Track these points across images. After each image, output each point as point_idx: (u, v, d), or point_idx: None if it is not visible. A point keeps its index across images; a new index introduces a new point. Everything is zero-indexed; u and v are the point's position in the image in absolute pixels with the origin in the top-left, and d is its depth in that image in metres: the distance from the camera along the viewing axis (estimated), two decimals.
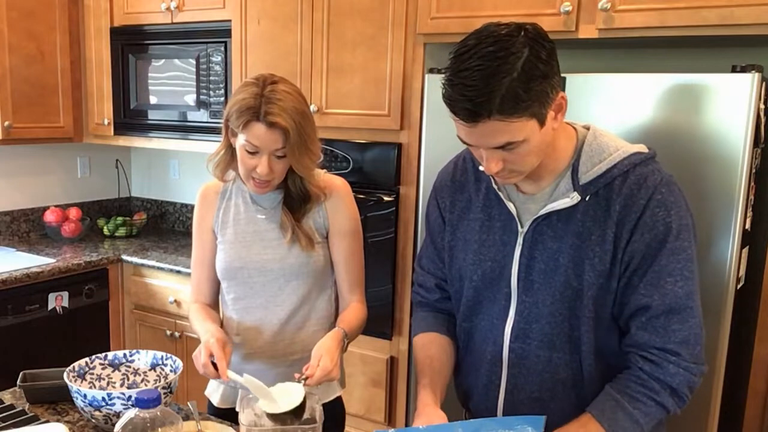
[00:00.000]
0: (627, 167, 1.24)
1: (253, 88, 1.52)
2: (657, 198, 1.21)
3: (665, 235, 1.20)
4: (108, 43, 3.42)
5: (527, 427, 1.22)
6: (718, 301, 1.91)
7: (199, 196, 1.75)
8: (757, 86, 1.82)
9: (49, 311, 3.06)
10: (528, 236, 1.30)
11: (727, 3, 1.91)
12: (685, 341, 1.22)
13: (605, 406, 1.24)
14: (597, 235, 1.24)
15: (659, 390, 1.23)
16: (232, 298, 1.71)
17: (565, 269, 1.26)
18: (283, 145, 1.52)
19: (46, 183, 3.73)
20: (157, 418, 1.21)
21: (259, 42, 2.89)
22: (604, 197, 1.24)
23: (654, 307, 1.21)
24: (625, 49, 2.45)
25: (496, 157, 1.19)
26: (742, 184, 1.86)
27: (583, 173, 1.25)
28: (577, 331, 1.28)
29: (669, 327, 1.22)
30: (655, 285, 1.21)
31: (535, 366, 1.32)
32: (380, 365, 2.75)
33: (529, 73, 1.11)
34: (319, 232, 1.67)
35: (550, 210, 1.27)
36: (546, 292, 1.29)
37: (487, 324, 1.38)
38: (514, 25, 1.15)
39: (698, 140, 1.90)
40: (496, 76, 1.09)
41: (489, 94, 1.09)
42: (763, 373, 2.11)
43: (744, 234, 1.94)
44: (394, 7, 2.54)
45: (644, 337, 1.23)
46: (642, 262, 1.22)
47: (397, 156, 2.61)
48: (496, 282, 1.35)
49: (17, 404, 1.63)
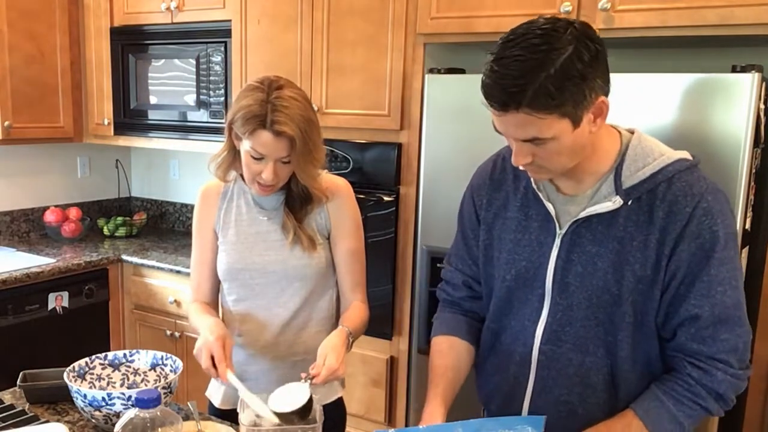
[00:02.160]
0: (672, 173, 1.22)
1: (259, 94, 1.49)
2: (703, 206, 1.19)
3: (713, 244, 1.19)
4: (108, 43, 3.42)
5: (527, 427, 1.21)
6: None
7: (199, 196, 1.74)
8: (757, 86, 1.82)
9: (49, 311, 3.06)
10: (566, 238, 1.28)
11: (727, 3, 1.91)
12: (734, 350, 1.23)
13: (650, 406, 1.24)
14: (639, 241, 1.22)
15: (705, 396, 1.23)
16: (234, 299, 1.70)
17: (604, 273, 1.24)
18: (288, 153, 1.51)
19: (46, 183, 3.73)
20: (157, 418, 1.21)
21: (259, 42, 2.89)
22: (647, 203, 1.22)
23: (704, 318, 1.21)
24: (625, 49, 2.45)
25: (525, 150, 1.18)
26: (742, 184, 1.86)
27: (626, 177, 1.23)
28: (611, 336, 1.27)
29: (718, 337, 1.22)
30: (706, 295, 1.20)
31: (566, 369, 1.31)
32: (380, 365, 2.75)
33: (567, 72, 1.09)
34: (320, 233, 1.67)
35: (591, 213, 1.25)
36: (582, 296, 1.27)
37: (517, 325, 1.36)
38: (564, 20, 1.14)
39: (698, 140, 1.90)
40: (533, 70, 1.08)
41: (522, 86, 1.09)
42: (763, 373, 2.11)
43: (744, 234, 1.94)
44: (394, 7, 2.54)
45: (693, 346, 1.23)
46: (690, 272, 1.21)
47: (397, 156, 2.62)
48: (529, 282, 1.33)
49: (17, 404, 1.63)
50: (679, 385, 1.24)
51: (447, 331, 1.48)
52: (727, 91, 1.85)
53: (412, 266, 2.61)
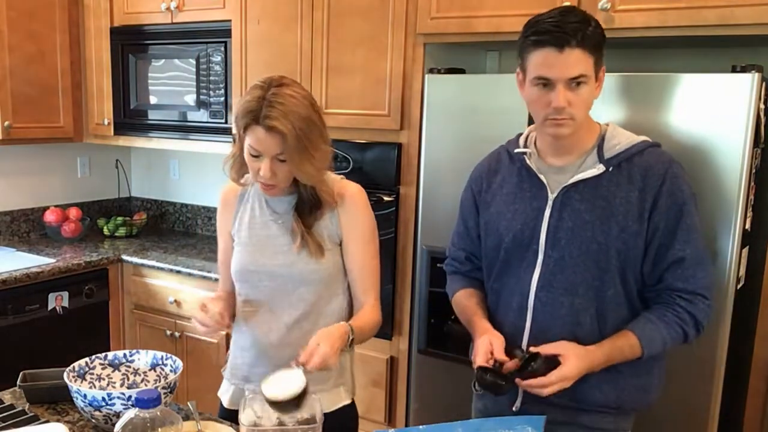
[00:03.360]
0: (642, 147, 1.52)
1: (258, 92, 1.51)
2: (672, 170, 1.48)
3: (684, 199, 1.48)
4: (108, 43, 3.42)
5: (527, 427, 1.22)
6: (718, 301, 1.91)
7: (220, 198, 1.76)
8: (757, 86, 1.82)
9: (49, 311, 3.06)
10: (557, 201, 1.53)
11: (727, 3, 1.91)
12: (708, 286, 1.51)
13: (645, 327, 1.49)
14: (621, 197, 1.48)
15: (689, 321, 1.49)
16: (243, 300, 1.71)
17: (592, 225, 1.49)
18: (281, 149, 1.50)
19: (46, 183, 3.73)
20: (157, 418, 1.21)
21: (259, 42, 2.89)
22: (625, 168, 1.50)
23: (688, 259, 1.48)
24: (625, 49, 2.45)
25: (566, 95, 1.43)
26: (742, 184, 1.86)
27: (606, 150, 1.51)
28: (598, 280, 1.50)
29: (697, 275, 1.49)
30: (687, 240, 1.47)
31: (558, 311, 1.53)
32: (380, 365, 2.75)
33: (599, 33, 1.44)
34: (330, 239, 1.65)
35: (579, 179, 1.51)
36: (573, 246, 1.51)
37: (515, 280, 1.59)
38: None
39: (698, 140, 1.90)
40: (585, 21, 1.42)
41: (580, 28, 1.40)
42: (763, 373, 2.12)
43: (744, 234, 1.94)
44: (394, 7, 2.54)
45: (679, 284, 1.49)
46: (670, 223, 1.47)
47: (397, 156, 2.62)
48: (526, 242, 1.56)
49: (17, 404, 1.64)
50: (670, 312, 1.49)
51: (463, 287, 1.74)
52: (727, 91, 1.85)
53: (412, 266, 2.61)
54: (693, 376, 1.97)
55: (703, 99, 1.89)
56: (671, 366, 1.98)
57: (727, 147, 1.86)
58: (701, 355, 1.95)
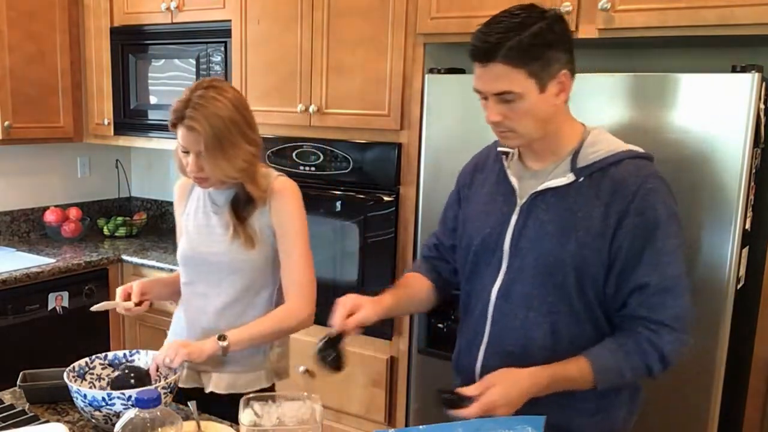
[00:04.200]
0: (621, 158, 1.38)
1: (186, 93, 1.67)
2: (647, 186, 1.34)
3: (657, 220, 1.33)
4: (108, 43, 3.42)
5: (527, 427, 1.22)
6: (718, 301, 1.91)
7: (174, 192, 1.94)
8: (757, 86, 1.82)
9: (49, 311, 3.06)
10: (524, 208, 1.44)
11: (727, 3, 1.91)
12: (678, 317, 1.36)
13: (600, 355, 1.37)
14: (584, 212, 1.37)
15: (651, 353, 1.36)
16: (184, 282, 1.88)
17: (551, 237, 1.39)
18: (200, 147, 1.65)
19: (46, 183, 3.73)
20: (157, 418, 1.21)
21: (259, 42, 2.89)
22: (596, 180, 1.37)
23: (652, 286, 1.34)
24: (625, 49, 2.45)
25: (498, 109, 1.35)
26: (742, 184, 1.86)
27: (581, 159, 1.40)
28: (553, 296, 1.41)
29: (665, 304, 1.35)
30: (654, 264, 1.34)
31: (513, 323, 1.45)
32: (380, 365, 2.75)
33: (538, 37, 1.30)
34: (262, 232, 1.76)
35: (547, 186, 1.41)
36: (531, 256, 1.42)
37: (479, 285, 1.53)
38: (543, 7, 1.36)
39: (698, 140, 1.90)
40: (511, 30, 1.30)
41: (501, 40, 1.30)
42: (763, 373, 2.11)
43: (744, 234, 1.94)
44: (394, 7, 2.54)
45: (643, 312, 1.36)
46: (637, 244, 1.34)
47: (397, 156, 2.61)
48: (492, 247, 1.49)
49: (17, 404, 1.64)
50: (631, 341, 1.37)
51: (417, 270, 1.72)
52: (727, 91, 1.85)
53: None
54: (693, 376, 1.97)
55: (703, 99, 1.89)
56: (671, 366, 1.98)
57: (727, 147, 1.86)
58: (701, 355, 1.95)
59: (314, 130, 2.80)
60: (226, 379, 1.79)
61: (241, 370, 1.79)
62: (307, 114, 2.79)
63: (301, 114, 2.80)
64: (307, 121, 2.79)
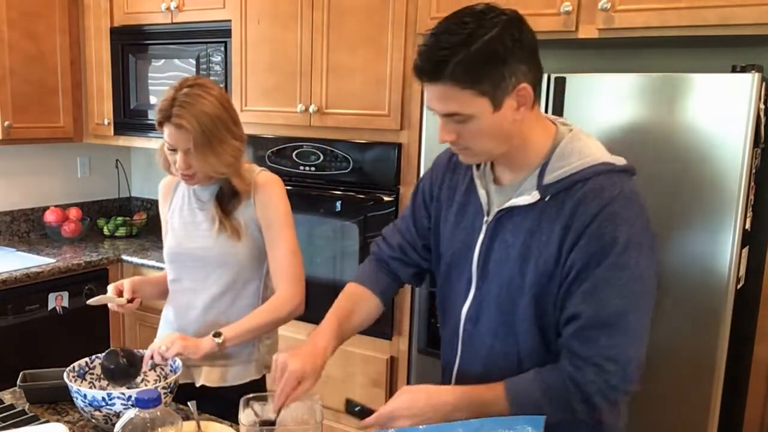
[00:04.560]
0: (590, 174, 1.22)
1: (171, 92, 1.70)
2: (609, 210, 1.18)
3: (611, 248, 1.18)
4: (108, 43, 3.42)
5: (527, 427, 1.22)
6: (718, 301, 1.91)
7: (159, 190, 1.95)
8: (757, 86, 1.82)
9: (49, 311, 3.06)
10: (491, 226, 1.32)
11: (727, 3, 1.91)
12: (612, 358, 1.20)
13: (520, 387, 1.25)
14: (546, 237, 1.24)
15: (573, 392, 1.22)
16: (171, 279, 1.91)
17: (513, 264, 1.28)
18: (189, 145, 1.67)
19: (46, 183, 3.73)
20: (157, 418, 1.21)
21: (259, 42, 2.88)
22: (561, 200, 1.23)
23: (585, 318, 1.20)
24: (625, 49, 2.45)
25: (450, 127, 1.23)
26: (742, 184, 1.86)
27: (548, 173, 1.25)
28: (517, 326, 1.30)
29: (598, 340, 1.20)
30: (591, 295, 1.20)
31: (480, 350, 1.36)
32: (380, 365, 2.75)
33: (488, 51, 1.15)
34: (248, 226, 1.79)
35: (512, 205, 1.28)
36: (496, 283, 1.31)
37: (452, 301, 1.43)
38: (498, 8, 1.19)
39: (698, 140, 1.90)
40: (457, 45, 1.15)
41: (445, 58, 1.15)
42: (763, 373, 2.11)
43: (744, 234, 1.94)
44: (394, 7, 2.54)
45: (574, 344, 1.22)
46: (582, 271, 1.20)
47: (397, 156, 2.61)
48: (462, 264, 1.38)
49: (17, 404, 1.64)
50: (553, 377, 1.24)
51: (366, 281, 1.55)
52: (727, 91, 1.85)
53: None
54: (693, 376, 1.97)
55: (703, 99, 1.89)
56: (671, 366, 1.98)
57: (727, 147, 1.86)
58: (701, 355, 1.95)
59: (314, 130, 2.80)
60: (217, 373, 1.82)
61: (231, 363, 1.82)
62: (307, 114, 2.79)
63: (301, 114, 2.80)
64: (307, 121, 2.79)
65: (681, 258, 1.95)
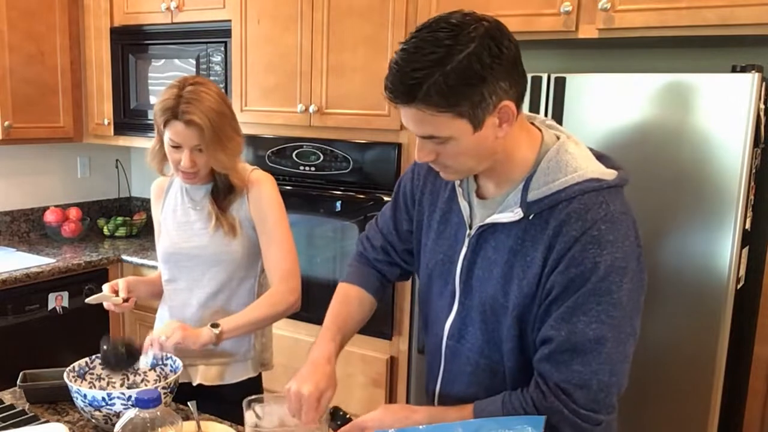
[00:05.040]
0: (576, 193, 1.14)
1: (174, 90, 1.67)
2: (592, 234, 1.12)
3: (591, 274, 1.12)
4: (108, 43, 3.42)
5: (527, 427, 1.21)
6: (718, 301, 1.91)
7: (151, 192, 1.94)
8: (757, 86, 1.82)
9: (49, 311, 3.06)
10: (473, 241, 1.26)
11: (727, 3, 1.91)
12: (584, 385, 1.14)
13: (486, 411, 1.21)
14: (530, 257, 1.18)
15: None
16: (166, 279, 1.90)
17: (496, 282, 1.23)
18: (199, 141, 1.67)
19: (46, 183, 3.72)
20: (157, 418, 1.21)
21: (259, 42, 2.88)
22: (545, 219, 1.16)
23: (558, 342, 1.15)
24: (625, 49, 2.45)
25: (428, 148, 1.16)
26: (742, 184, 1.86)
27: (533, 189, 1.17)
28: (501, 345, 1.26)
29: (570, 366, 1.14)
30: (567, 320, 1.14)
31: (465, 367, 1.32)
32: (380, 365, 2.75)
33: (463, 71, 1.05)
34: (242, 224, 1.80)
35: (495, 221, 1.22)
36: (478, 300, 1.26)
37: (434, 314, 1.39)
38: (476, 16, 1.09)
39: (698, 140, 1.90)
40: (430, 66, 1.05)
41: (418, 81, 1.05)
42: (763, 373, 2.11)
43: (744, 234, 1.94)
44: (394, 7, 2.54)
45: (545, 367, 1.17)
46: (561, 295, 1.15)
47: (397, 156, 2.61)
48: (444, 277, 1.33)
49: (17, 404, 1.64)
50: (518, 402, 1.19)
51: (356, 280, 1.52)
52: (727, 91, 1.85)
53: None
54: (693, 376, 1.97)
55: (703, 99, 1.89)
56: (671, 366, 1.98)
57: (727, 147, 1.86)
58: (701, 355, 1.95)
59: (314, 130, 2.80)
60: (214, 371, 1.83)
61: (228, 361, 1.84)
62: (307, 114, 2.79)
63: (301, 114, 2.80)
64: (307, 121, 2.79)
65: (681, 258, 1.95)
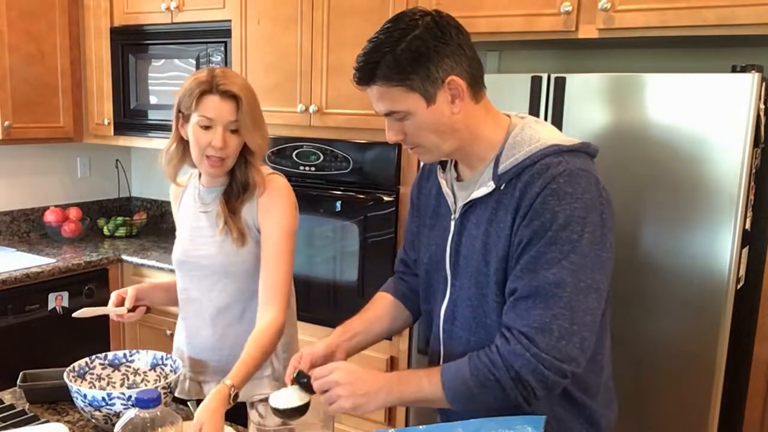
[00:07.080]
0: (538, 158, 1.23)
1: (203, 73, 1.61)
2: (552, 187, 1.19)
3: (550, 223, 1.18)
4: (108, 43, 3.43)
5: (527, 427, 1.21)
6: (718, 301, 1.91)
7: (170, 196, 1.88)
8: (757, 86, 1.82)
9: (49, 311, 3.06)
10: (458, 222, 1.35)
11: (727, 3, 1.91)
12: (545, 329, 1.17)
13: (452, 365, 1.26)
14: (503, 223, 1.25)
15: (500, 366, 1.19)
16: (180, 288, 1.82)
17: (478, 255, 1.29)
18: (235, 117, 1.59)
19: (46, 183, 3.73)
20: (157, 418, 1.21)
21: (259, 42, 2.89)
22: (513, 186, 1.24)
23: (521, 289, 1.20)
24: (625, 49, 2.45)
25: (395, 127, 1.32)
26: (742, 184, 1.86)
27: (502, 163, 1.27)
28: (488, 317, 1.30)
29: (531, 311, 1.18)
30: (529, 269, 1.19)
31: (458, 347, 1.36)
32: (380, 365, 2.74)
33: (411, 49, 1.22)
34: (251, 230, 1.69)
35: (473, 198, 1.30)
36: (465, 277, 1.33)
37: (433, 306, 1.45)
38: (425, 11, 1.29)
39: (698, 140, 1.90)
40: (382, 47, 1.24)
41: (374, 62, 1.24)
42: (763, 373, 2.11)
43: (744, 234, 1.94)
44: (394, 7, 2.54)
45: (510, 316, 1.22)
46: (525, 248, 1.20)
47: (397, 156, 2.61)
48: (438, 265, 1.41)
49: (17, 404, 1.64)
50: (484, 353, 1.22)
51: (389, 289, 1.61)
52: (727, 91, 1.85)
53: None
54: (693, 376, 1.97)
55: (703, 99, 1.89)
56: (671, 365, 1.98)
57: (727, 147, 1.86)
58: (701, 355, 1.95)
59: (314, 130, 2.80)
60: None
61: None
62: (307, 114, 2.79)
63: (301, 114, 2.80)
64: (307, 121, 2.80)
65: (681, 258, 1.95)
